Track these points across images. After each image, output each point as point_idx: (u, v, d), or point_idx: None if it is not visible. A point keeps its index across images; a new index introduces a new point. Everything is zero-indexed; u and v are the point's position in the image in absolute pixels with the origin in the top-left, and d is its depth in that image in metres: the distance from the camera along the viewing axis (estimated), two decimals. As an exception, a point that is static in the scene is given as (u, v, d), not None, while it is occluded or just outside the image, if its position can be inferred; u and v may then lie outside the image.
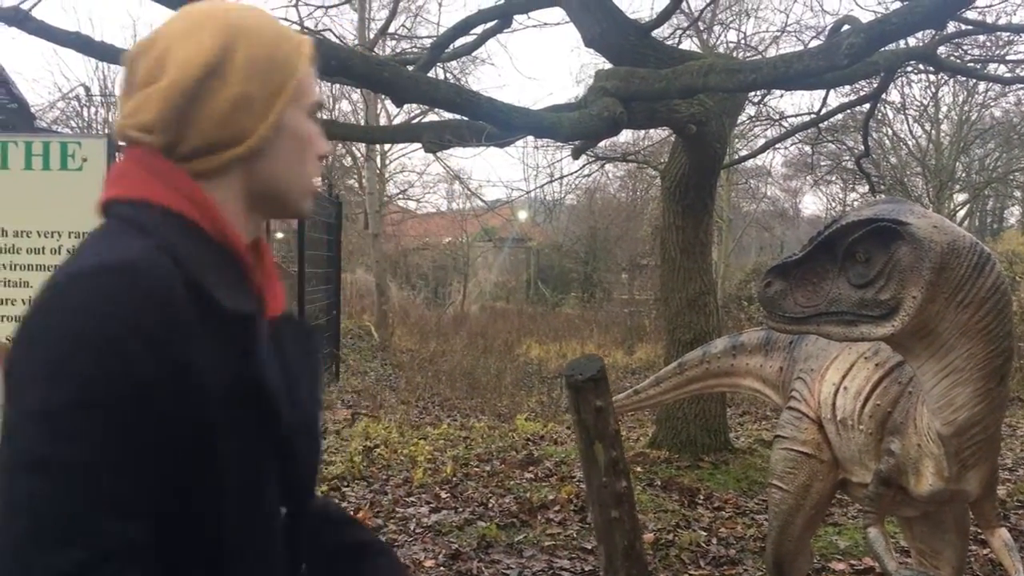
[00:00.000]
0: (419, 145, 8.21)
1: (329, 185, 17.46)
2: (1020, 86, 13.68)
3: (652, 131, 15.86)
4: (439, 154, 13.35)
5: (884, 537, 2.64)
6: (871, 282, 2.26)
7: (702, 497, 6.22)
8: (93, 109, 17.32)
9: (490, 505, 5.90)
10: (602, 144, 12.65)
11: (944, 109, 20.62)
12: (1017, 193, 24.09)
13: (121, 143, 1.11)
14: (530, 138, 6.73)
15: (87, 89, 16.67)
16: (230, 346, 1.01)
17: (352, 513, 5.48)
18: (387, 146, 22.31)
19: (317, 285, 11.52)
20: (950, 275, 2.18)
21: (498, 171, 65.54)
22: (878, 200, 2.47)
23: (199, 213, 1.03)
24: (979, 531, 2.74)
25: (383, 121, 17.68)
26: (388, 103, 15.47)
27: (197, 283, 0.99)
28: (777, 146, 14.36)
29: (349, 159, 24.89)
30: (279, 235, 18.43)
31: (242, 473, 1.03)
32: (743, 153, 16.30)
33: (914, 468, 2.55)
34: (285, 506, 1.11)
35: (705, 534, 5.40)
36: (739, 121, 12.98)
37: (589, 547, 4.82)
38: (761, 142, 14.43)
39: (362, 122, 18.66)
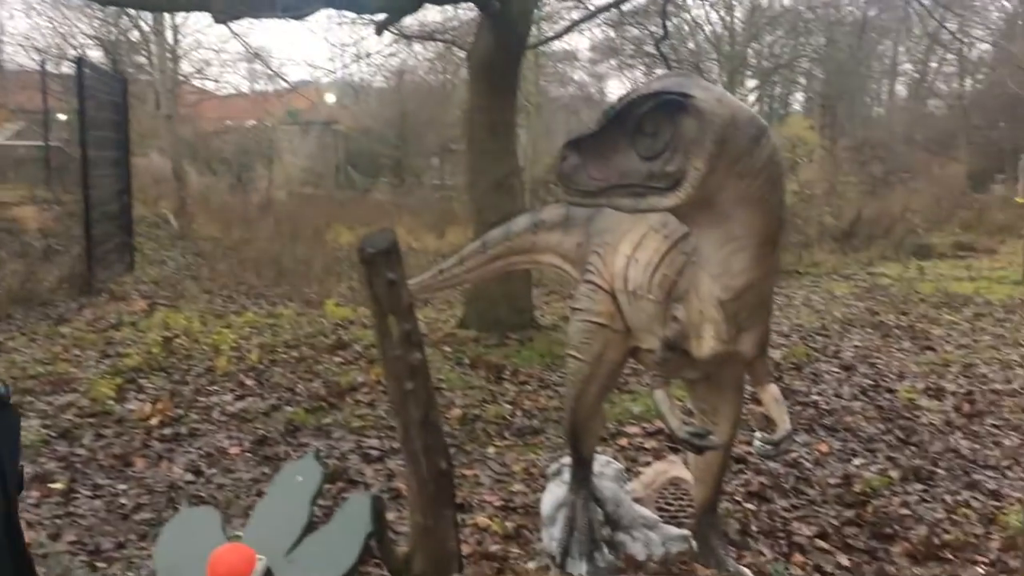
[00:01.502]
0: (217, 23, 7.66)
1: (113, 61, 16.11)
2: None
3: (462, 12, 15.52)
4: (237, 31, 12.54)
5: (669, 398, 2.81)
6: (659, 154, 2.31)
7: (508, 373, 6.42)
8: None
9: (298, 390, 5.85)
10: (410, 22, 12.28)
11: (738, -5, 21.37)
12: (802, 80, 25.54)
13: None
14: (332, 13, 6.41)
15: None
16: None
17: (151, 404, 5.29)
18: (179, 20, 20.72)
19: (105, 169, 10.74)
20: (730, 147, 2.26)
21: (301, 50, 62.39)
22: (666, 74, 2.52)
23: None
24: (755, 391, 2.97)
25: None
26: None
27: None
28: (582, 29, 14.44)
29: (136, 33, 22.99)
30: (61, 116, 16.94)
31: None
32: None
33: (696, 332, 2.70)
34: None
35: (510, 407, 5.60)
36: (545, 1, 12.89)
37: (397, 425, 4.89)
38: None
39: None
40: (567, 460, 3.43)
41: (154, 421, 5.10)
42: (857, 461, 4.75)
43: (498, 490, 4.29)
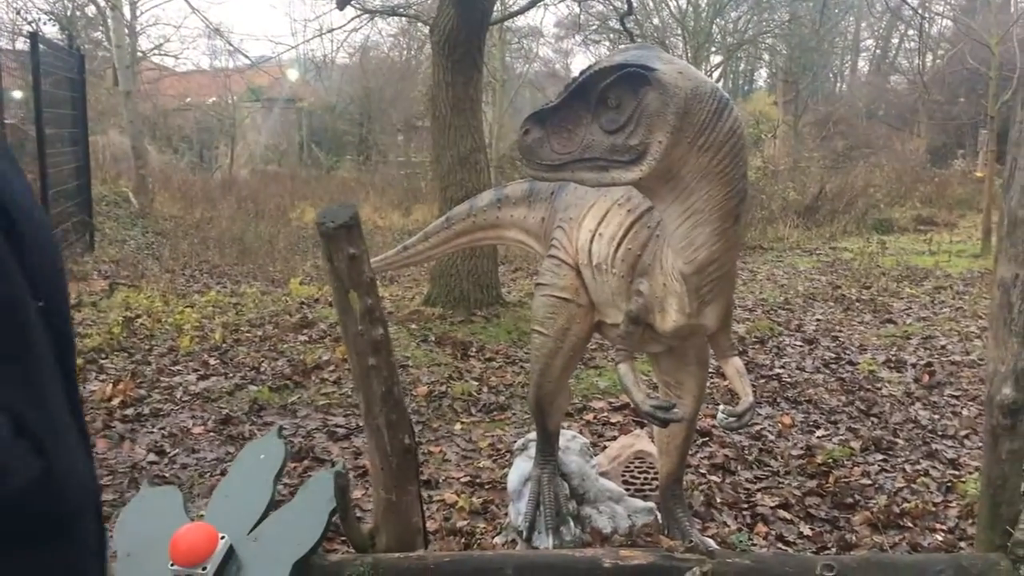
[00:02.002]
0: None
1: (69, 36, 15.75)
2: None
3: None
4: (196, 5, 12.31)
5: (633, 372, 2.81)
6: (622, 127, 2.30)
7: (474, 349, 6.41)
8: None
9: (262, 369, 5.80)
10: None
11: (703, -29, 21.37)
12: (765, 55, 25.63)
13: None
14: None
15: None
16: None
17: (112, 384, 5.22)
18: (135, -6, 20.34)
19: (62, 147, 10.53)
20: (693, 119, 2.25)
21: (262, 25, 61.30)
22: (629, 47, 2.50)
23: None
24: (719, 364, 2.98)
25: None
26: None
27: None
28: (547, 4, 14.34)
29: (93, 8, 22.52)
30: (17, 94, 16.55)
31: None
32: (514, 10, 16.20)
33: (660, 306, 2.70)
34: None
35: (477, 384, 5.59)
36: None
37: (363, 403, 4.86)
38: (532, -1, 14.33)
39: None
40: (533, 435, 3.44)
41: (116, 402, 5.03)
42: (819, 433, 4.82)
43: (465, 466, 4.29)
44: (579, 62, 30.40)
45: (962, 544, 3.48)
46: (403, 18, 17.37)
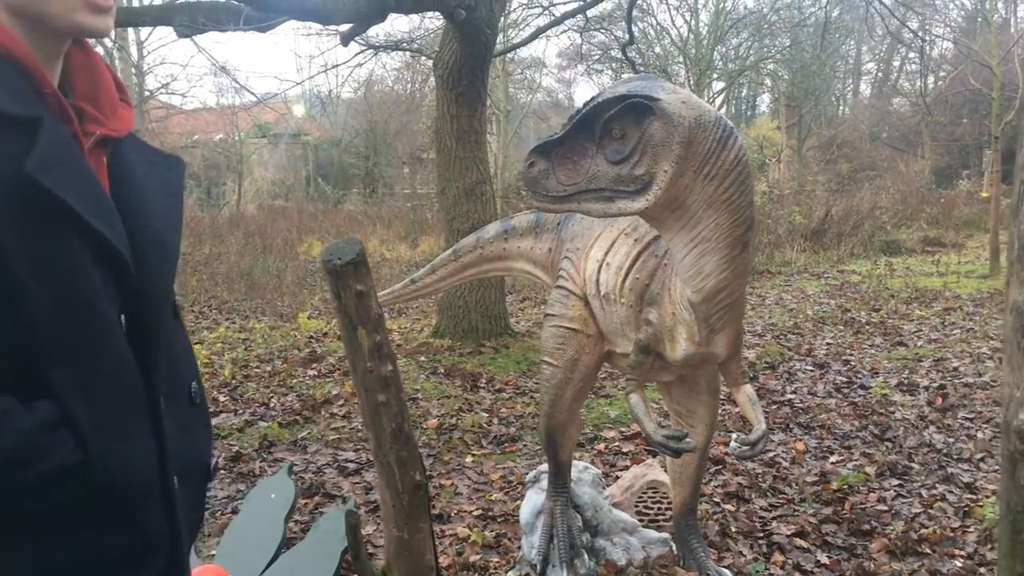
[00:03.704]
0: (180, 37, 7.60)
1: (77, 77, 15.91)
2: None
3: (428, 21, 15.55)
4: (202, 45, 12.46)
5: (644, 401, 2.80)
6: (627, 158, 2.31)
7: (484, 381, 6.39)
8: None
9: (272, 404, 5.79)
10: (376, 32, 12.24)
11: None
12: (768, 81, 25.77)
13: None
14: (298, 25, 6.38)
15: None
16: (3, 150, 1.01)
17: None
18: (144, 36, 20.61)
19: (70, 187, 10.58)
20: (697, 149, 2.26)
21: (268, 62, 61.85)
22: (631, 77, 2.51)
23: None
24: (730, 392, 2.96)
25: (135, 5, 16.21)
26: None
27: None
28: (549, 35, 14.46)
29: (100, 49, 22.78)
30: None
31: (52, 286, 1.03)
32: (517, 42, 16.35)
33: (669, 335, 2.69)
34: (125, 313, 1.13)
35: (487, 415, 5.57)
36: (511, 9, 12.88)
37: (373, 437, 4.84)
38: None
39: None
40: (545, 467, 3.41)
41: (125, 441, 5.01)
42: (833, 458, 4.77)
43: (477, 499, 4.26)
44: (582, 91, 30.62)
45: (981, 570, 3.43)
46: (407, 52, 17.53)
